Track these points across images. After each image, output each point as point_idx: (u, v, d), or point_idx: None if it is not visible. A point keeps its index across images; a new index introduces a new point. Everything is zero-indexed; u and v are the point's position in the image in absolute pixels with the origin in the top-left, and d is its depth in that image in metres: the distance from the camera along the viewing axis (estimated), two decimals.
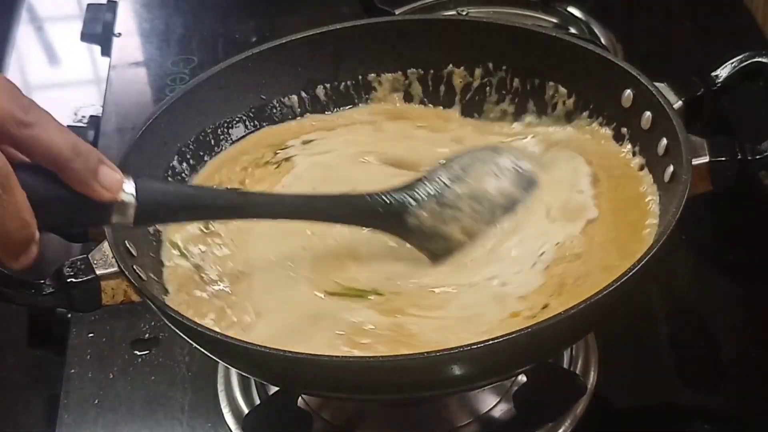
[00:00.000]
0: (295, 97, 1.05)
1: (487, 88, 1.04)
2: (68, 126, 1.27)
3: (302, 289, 0.89)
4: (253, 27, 1.46)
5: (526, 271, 0.87)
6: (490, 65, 1.04)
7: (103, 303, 0.86)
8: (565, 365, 0.96)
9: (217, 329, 0.84)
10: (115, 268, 0.85)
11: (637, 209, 0.90)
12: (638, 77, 0.95)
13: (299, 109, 1.05)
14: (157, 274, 0.90)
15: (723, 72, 0.96)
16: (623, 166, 0.95)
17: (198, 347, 0.84)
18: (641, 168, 0.94)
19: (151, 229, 0.92)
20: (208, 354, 0.84)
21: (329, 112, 1.06)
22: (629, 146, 0.96)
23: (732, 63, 0.96)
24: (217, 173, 1.00)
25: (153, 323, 1.04)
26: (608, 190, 0.93)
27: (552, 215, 0.91)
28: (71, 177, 0.74)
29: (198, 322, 0.83)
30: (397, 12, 1.35)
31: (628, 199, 0.92)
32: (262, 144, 1.03)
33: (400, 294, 0.87)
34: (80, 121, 1.34)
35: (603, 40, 1.33)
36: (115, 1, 1.51)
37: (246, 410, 0.94)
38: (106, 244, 0.85)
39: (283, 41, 1.04)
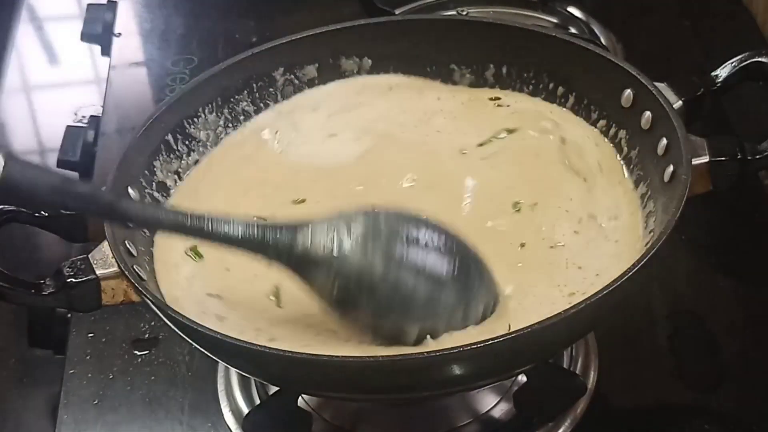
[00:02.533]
0: (294, 98, 1.05)
1: (486, 87, 1.04)
2: (68, 126, 1.29)
3: None
4: (253, 27, 1.45)
5: None
6: (490, 65, 1.04)
7: (103, 303, 0.86)
8: (565, 365, 0.96)
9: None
10: (115, 268, 0.85)
11: None
12: (638, 77, 0.95)
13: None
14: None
15: (723, 72, 0.96)
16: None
17: (198, 347, 0.84)
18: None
19: (148, 231, 0.93)
20: (208, 354, 0.84)
21: None
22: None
23: (732, 63, 0.96)
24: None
25: (153, 323, 1.04)
26: None
27: None
28: None
29: (198, 322, 0.83)
30: (397, 12, 1.35)
31: None
32: None
33: None
34: (80, 121, 1.34)
35: (603, 40, 1.33)
36: (115, 1, 1.51)
37: (246, 410, 0.94)
38: (106, 244, 0.86)
39: (284, 41, 1.04)
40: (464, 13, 1.37)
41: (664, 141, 0.91)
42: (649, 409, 0.96)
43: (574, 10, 1.39)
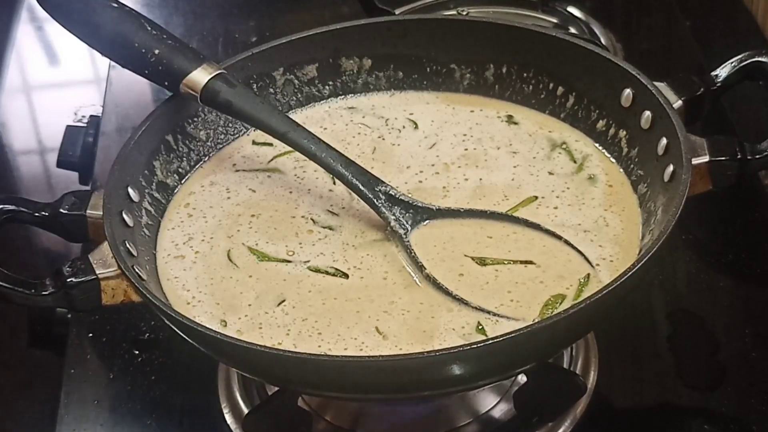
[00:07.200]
0: (294, 97, 1.05)
1: (485, 88, 1.05)
2: (68, 126, 1.29)
3: None
4: (253, 27, 1.46)
5: None
6: (490, 65, 1.04)
7: (103, 303, 0.86)
8: (565, 365, 0.96)
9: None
10: (115, 268, 0.85)
11: None
12: (638, 77, 0.95)
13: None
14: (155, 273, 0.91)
15: (723, 72, 0.96)
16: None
17: (198, 347, 0.84)
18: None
19: (148, 231, 0.93)
20: (208, 354, 0.84)
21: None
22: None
23: (732, 63, 0.96)
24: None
25: (153, 323, 1.04)
26: None
27: None
28: None
29: (198, 321, 0.83)
30: (397, 12, 1.35)
31: None
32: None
33: None
34: (80, 121, 1.34)
35: (603, 40, 1.33)
36: None
37: (246, 410, 0.94)
38: (106, 244, 0.86)
39: (283, 41, 1.04)
40: (464, 13, 1.37)
41: (664, 141, 0.91)
42: (649, 409, 0.96)
43: (574, 10, 1.39)
